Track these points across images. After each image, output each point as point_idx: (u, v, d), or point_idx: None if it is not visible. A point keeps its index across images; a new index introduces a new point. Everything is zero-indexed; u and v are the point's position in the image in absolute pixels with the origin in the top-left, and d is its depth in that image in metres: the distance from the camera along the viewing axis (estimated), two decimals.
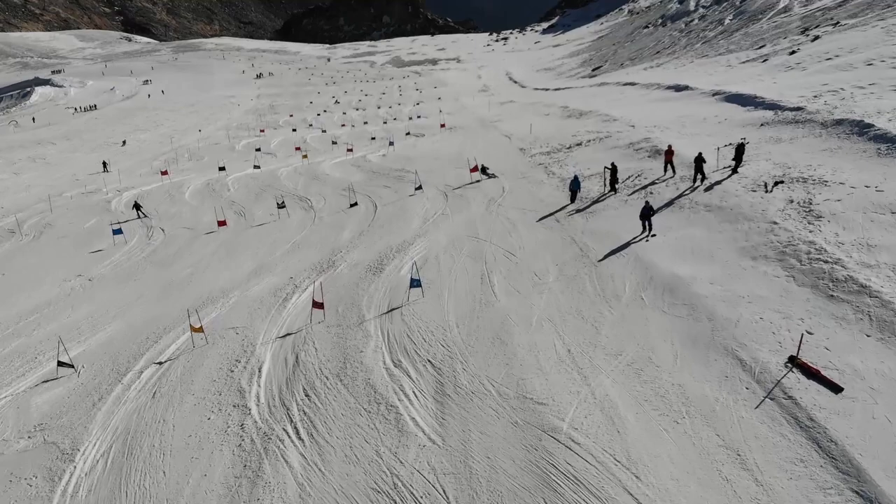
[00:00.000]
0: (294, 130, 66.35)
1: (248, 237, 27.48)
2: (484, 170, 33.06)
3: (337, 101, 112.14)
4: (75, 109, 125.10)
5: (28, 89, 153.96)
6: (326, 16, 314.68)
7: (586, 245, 19.24)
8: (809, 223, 17.01)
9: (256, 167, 40.77)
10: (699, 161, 21.05)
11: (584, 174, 26.42)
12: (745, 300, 14.40)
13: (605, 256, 18.12)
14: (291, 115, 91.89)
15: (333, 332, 16.69)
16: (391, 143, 42.90)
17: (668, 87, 41.85)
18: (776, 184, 19.82)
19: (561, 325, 14.81)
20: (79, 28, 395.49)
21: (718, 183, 21.15)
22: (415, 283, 17.62)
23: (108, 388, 16.14)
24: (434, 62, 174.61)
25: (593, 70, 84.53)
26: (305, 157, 42.44)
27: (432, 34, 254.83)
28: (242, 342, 17.09)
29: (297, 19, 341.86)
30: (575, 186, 23.31)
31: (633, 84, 51.04)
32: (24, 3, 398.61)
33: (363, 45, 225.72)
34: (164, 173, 41.57)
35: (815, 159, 21.38)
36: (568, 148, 31.45)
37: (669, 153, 23.00)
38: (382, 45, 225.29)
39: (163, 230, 30.65)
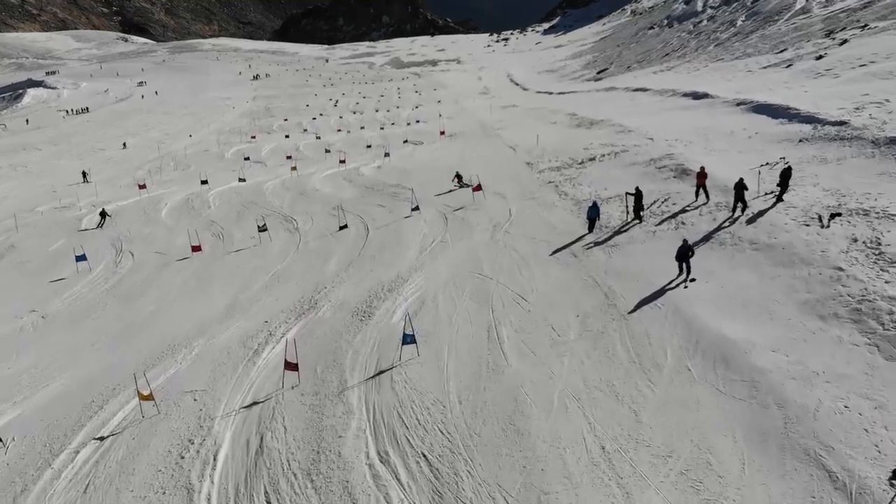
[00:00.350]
0: (287, 137, 63.44)
1: (223, 266, 24.53)
2: (460, 178, 30.98)
3: (335, 104, 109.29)
4: (66, 112, 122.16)
5: (20, 91, 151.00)
6: (325, 16, 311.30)
7: (612, 290, 16.27)
8: (883, 270, 14.04)
9: (242, 180, 37.83)
10: (740, 188, 18.11)
11: (601, 197, 23.45)
12: (822, 378, 11.44)
13: (637, 307, 15.14)
14: (286, 119, 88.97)
15: (308, 403, 13.72)
16: (387, 154, 39.89)
17: (686, 94, 38.80)
18: (832, 216, 16.87)
19: (590, 407, 11.84)
20: (76, 28, 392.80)
21: (762, 213, 18.19)
22: (408, 339, 14.68)
23: (34, 473, 13.20)
24: (434, 63, 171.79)
25: (598, 73, 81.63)
26: (294, 169, 39.47)
27: (432, 35, 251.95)
28: (199, 414, 14.12)
29: (295, 20, 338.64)
30: (593, 214, 20.35)
31: (644, 90, 48.10)
32: (22, 2, 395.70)
33: (362, 46, 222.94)
34: (142, 187, 38.60)
35: (872, 186, 18.42)
36: (580, 163, 28.53)
37: (702, 176, 20.03)
38: (382, 45, 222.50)
39: (132, 254, 27.69)
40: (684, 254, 15.59)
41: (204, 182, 37.72)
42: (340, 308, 18.48)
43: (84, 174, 50.23)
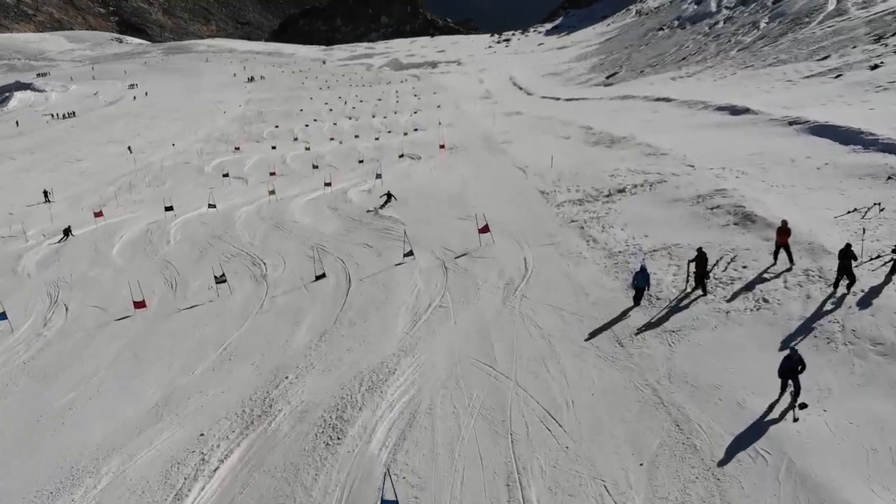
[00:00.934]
0: (274, 148, 58.53)
1: (168, 331, 19.63)
2: (389, 196, 28.79)
3: (330, 109, 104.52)
4: (52, 116, 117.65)
5: (6, 94, 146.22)
6: (323, 16, 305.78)
7: (683, 414, 11.35)
8: None
9: (212, 206, 32.87)
10: (847, 257, 13.24)
11: (643, 249, 18.51)
12: None
13: (728, 453, 10.23)
14: (277, 126, 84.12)
15: None
16: (378, 176, 34.79)
17: (721, 108, 33.67)
18: None
19: None
20: (72, 29, 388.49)
21: (877, 291, 13.29)
22: None
23: None
24: (433, 65, 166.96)
25: (608, 77, 76.80)
26: (272, 192, 34.39)
27: (432, 35, 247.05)
28: None
29: (293, 20, 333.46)
30: (642, 283, 15.38)
31: (667, 100, 43.10)
32: (17, 3, 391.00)
33: (360, 47, 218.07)
34: (98, 215, 33.63)
35: None
36: (607, 196, 23.65)
37: (784, 233, 15.07)
38: (380, 46, 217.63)
39: (66, 308, 22.80)
40: (792, 370, 10.70)
41: (169, 209, 32.82)
42: (302, 417, 13.59)
43: (46, 193, 45.36)
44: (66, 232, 32.00)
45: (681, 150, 27.19)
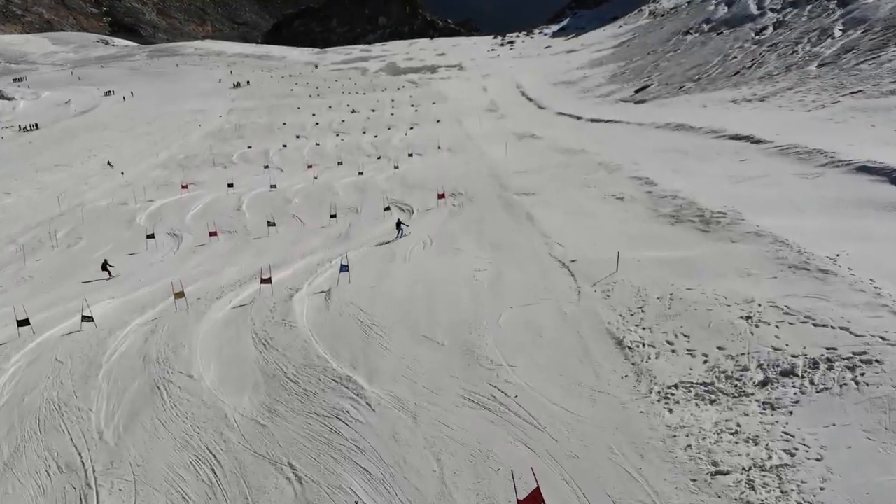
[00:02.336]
0: (231, 186, 46.91)
1: None
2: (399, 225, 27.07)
3: (317, 123, 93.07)
4: (18, 128, 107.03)
5: None
6: (318, 17, 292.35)
7: None
8: None
9: (86, 318, 21.13)
10: None
11: None
12: None
13: None
14: (250, 147, 72.53)
15: None
16: (344, 268, 22.69)
17: (880, 173, 21.84)
18: None
19: None
20: (62, 30, 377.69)
21: None
22: None
23: None
24: (433, 70, 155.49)
25: (637, 91, 65.11)
26: (180, 295, 22.13)
27: (431, 37, 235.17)
28: None
29: (287, 21, 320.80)
30: None
31: (755, 141, 30.98)
32: (6, 2, 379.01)
33: (356, 50, 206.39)
34: None
35: None
36: (761, 385, 11.87)
37: None
38: (377, 49, 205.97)
39: None
40: None
41: (23, 323, 21.14)
42: None
43: None
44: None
45: (854, 262, 15.64)
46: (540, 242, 23.29)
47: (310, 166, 56.08)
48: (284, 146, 70.30)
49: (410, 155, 56.85)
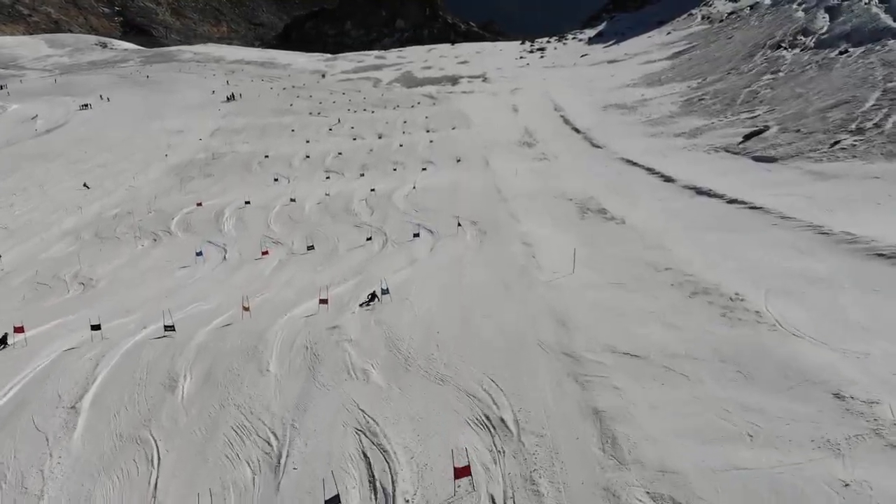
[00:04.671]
0: (96, 328, 27.30)
1: None
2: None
3: (307, 156, 74.55)
4: None
5: None
6: (332, 19, 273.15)
7: None
8: None
9: None
10: None
11: None
12: None
13: None
14: (200, 205, 53.68)
15: None
16: None
17: None
18: None
19: None
20: (70, 30, 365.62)
21: None
22: None
23: None
24: (454, 81, 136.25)
25: (747, 138, 45.10)
26: None
27: (453, 42, 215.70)
28: None
29: (298, 23, 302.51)
30: None
31: None
32: (14, 2, 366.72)
33: (370, 56, 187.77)
34: None
35: None
36: None
37: None
38: (392, 55, 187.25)
39: None
40: None
41: None
42: None
43: None
44: None
45: None
46: None
47: (265, 252, 37.14)
48: (247, 203, 51.47)
49: (416, 235, 37.71)
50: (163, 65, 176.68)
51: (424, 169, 62.66)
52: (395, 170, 63.69)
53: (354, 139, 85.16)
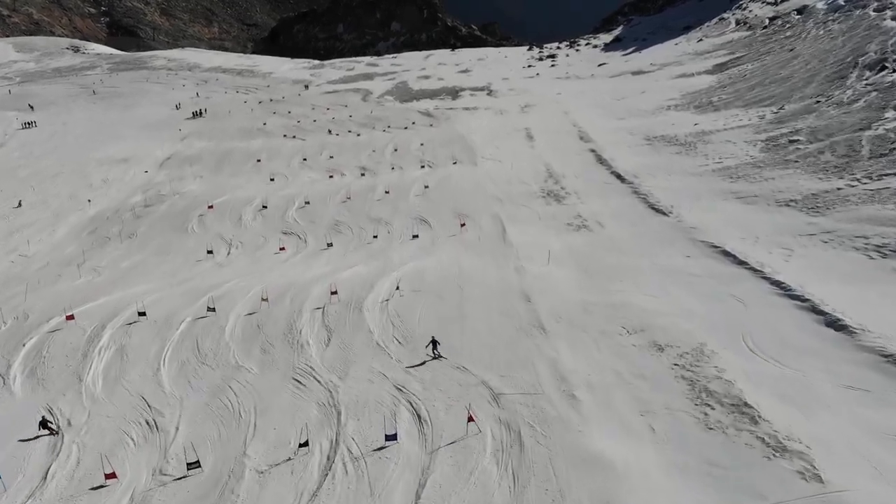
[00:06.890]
0: None
1: None
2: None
3: (263, 206, 57.34)
4: None
5: None
6: (322, 22, 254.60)
7: None
8: None
9: None
10: None
11: None
12: None
13: None
14: (102, 297, 35.94)
15: None
16: None
17: None
18: None
19: None
20: (52, 32, 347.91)
21: None
22: None
23: None
24: (454, 94, 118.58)
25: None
26: None
27: (453, 48, 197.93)
28: None
29: (286, 25, 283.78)
30: None
31: None
32: None
33: (361, 63, 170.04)
34: None
35: None
36: None
37: None
38: (386, 62, 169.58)
39: None
40: None
41: None
42: None
43: None
44: None
45: None
46: None
47: (110, 475, 19.55)
48: (141, 314, 33.48)
49: (392, 436, 20.18)
50: (131, 73, 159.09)
51: (416, 236, 45.27)
52: (375, 237, 46.28)
53: (331, 176, 67.82)
